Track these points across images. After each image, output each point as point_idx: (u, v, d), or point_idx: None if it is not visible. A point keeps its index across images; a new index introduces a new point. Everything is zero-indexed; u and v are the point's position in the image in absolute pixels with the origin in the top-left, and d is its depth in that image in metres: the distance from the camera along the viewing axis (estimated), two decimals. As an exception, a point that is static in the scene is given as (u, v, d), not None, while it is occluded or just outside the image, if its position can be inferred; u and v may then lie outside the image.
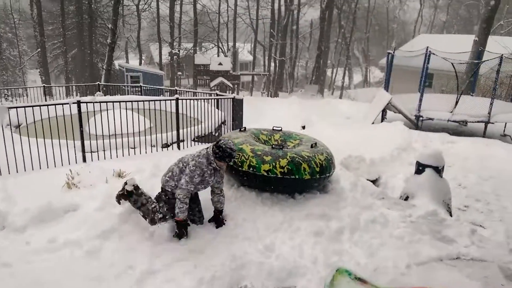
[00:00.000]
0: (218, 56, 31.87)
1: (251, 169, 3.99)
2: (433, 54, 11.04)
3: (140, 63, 32.91)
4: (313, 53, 34.01)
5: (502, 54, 10.84)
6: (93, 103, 7.11)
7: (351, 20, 33.60)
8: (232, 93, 28.52)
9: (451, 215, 4.32)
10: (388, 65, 13.44)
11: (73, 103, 6.50)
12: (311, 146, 4.49)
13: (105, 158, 6.75)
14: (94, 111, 7.91)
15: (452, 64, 11.55)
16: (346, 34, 33.92)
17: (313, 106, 18.27)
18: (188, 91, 13.84)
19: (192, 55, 29.68)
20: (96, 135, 7.59)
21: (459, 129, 11.96)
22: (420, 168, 4.45)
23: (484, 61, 11.76)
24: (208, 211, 3.69)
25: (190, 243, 3.33)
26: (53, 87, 17.75)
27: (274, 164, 4.00)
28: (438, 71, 19.16)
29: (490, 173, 7.06)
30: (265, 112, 16.26)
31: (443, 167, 4.42)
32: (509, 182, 6.70)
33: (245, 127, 4.96)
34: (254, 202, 3.81)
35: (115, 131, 7.94)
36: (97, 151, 7.14)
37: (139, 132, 8.33)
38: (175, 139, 8.24)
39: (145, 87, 15.50)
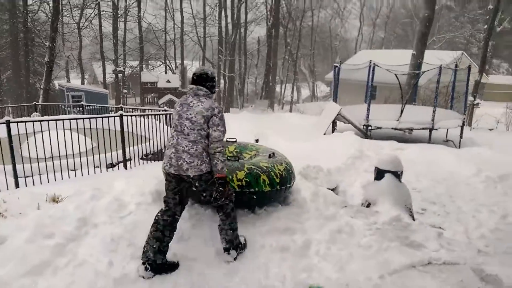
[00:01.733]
0: (166, 73, 31.23)
1: None
2: (377, 66, 11.39)
3: (83, 83, 31.38)
4: (262, 69, 34.39)
5: (441, 65, 11.43)
6: (26, 122, 6.41)
7: (297, 37, 34.50)
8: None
9: (413, 219, 4.22)
10: (335, 78, 13.72)
11: (1, 123, 5.80)
12: (269, 157, 4.24)
13: (41, 183, 6.07)
14: (26, 133, 7.14)
15: (395, 75, 11.99)
16: (293, 51, 34.74)
17: (265, 121, 18.21)
18: (136, 109, 13.20)
19: (138, 73, 28.78)
20: (30, 158, 6.84)
21: (405, 137, 12.38)
22: (379, 174, 4.34)
23: (427, 70, 12.36)
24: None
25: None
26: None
27: (230, 177, 3.69)
28: (381, 83, 19.98)
29: (441, 176, 7.22)
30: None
31: (402, 171, 4.34)
32: (460, 183, 6.88)
33: None
34: (211, 220, 3.44)
35: (51, 153, 7.25)
36: (32, 176, 6.41)
37: (80, 153, 7.64)
38: (121, 159, 7.66)
39: (88, 105, 14.60)
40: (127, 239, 3.07)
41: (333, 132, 12.86)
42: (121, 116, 7.26)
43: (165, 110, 11.09)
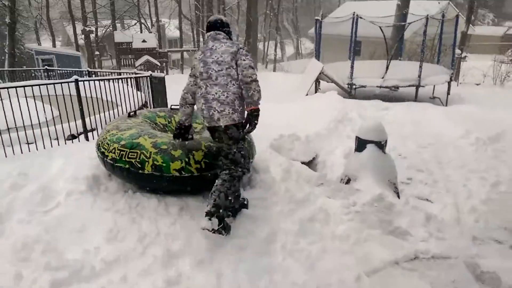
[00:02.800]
0: (141, 32, 29.56)
1: (156, 170, 3.01)
2: (361, 18, 10.56)
3: (54, 45, 29.60)
4: (243, 26, 32.82)
5: (428, 15, 10.66)
6: None
7: (278, -10, 32.77)
8: (161, 72, 26.64)
9: (398, 197, 3.71)
10: (317, 34, 12.84)
11: None
12: None
13: None
14: None
15: (380, 28, 11.21)
16: (274, 5, 33.09)
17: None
18: (106, 72, 12.21)
19: (111, 32, 27.13)
20: None
21: (390, 95, 11.80)
22: (360, 144, 3.77)
23: (411, 22, 11.57)
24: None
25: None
26: None
27: (187, 159, 3.07)
28: (366, 38, 19.07)
29: (429, 139, 6.73)
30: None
31: (386, 141, 3.78)
32: (448, 147, 6.40)
33: (135, 111, 3.84)
34: (156, 212, 2.83)
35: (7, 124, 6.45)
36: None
37: (40, 123, 6.83)
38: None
39: (53, 70, 13.50)
40: (45, 242, 2.47)
41: (316, 92, 12.22)
42: (76, 81, 6.45)
43: (135, 73, 10.21)
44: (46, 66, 13.28)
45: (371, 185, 3.52)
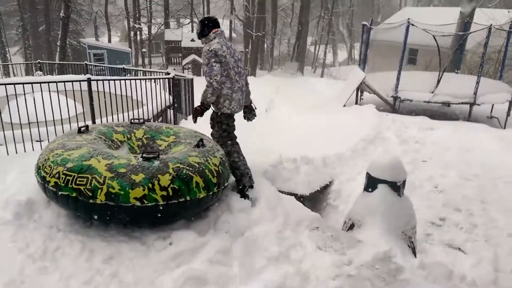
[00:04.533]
0: (192, 31, 29.84)
1: (111, 199, 2.49)
2: (412, 25, 9.52)
3: (109, 40, 30.73)
4: (295, 29, 32.09)
5: (491, 24, 9.39)
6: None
7: (334, -8, 31.63)
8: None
9: (414, 255, 2.93)
10: (363, 39, 11.90)
11: None
12: (197, 146, 3.05)
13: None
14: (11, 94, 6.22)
15: (433, 37, 10.08)
16: (329, 7, 32.01)
17: (287, 86, 16.70)
18: (139, 70, 12.15)
19: (163, 31, 27.61)
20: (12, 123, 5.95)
21: (441, 111, 10.59)
22: (371, 183, 3.03)
23: (470, 32, 10.29)
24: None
25: None
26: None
27: (150, 185, 2.54)
28: (423, 46, 17.70)
29: (475, 170, 5.73)
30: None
31: (404, 182, 3.00)
32: (497, 181, 5.39)
33: (87, 126, 3.34)
34: (74, 263, 2.16)
35: (28, 119, 6.34)
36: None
37: (62, 119, 6.66)
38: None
39: (91, 65, 13.68)
40: None
41: (356, 103, 11.30)
42: (88, 80, 6.22)
43: (167, 73, 9.93)
44: (85, 62, 13.46)
45: (377, 238, 2.78)
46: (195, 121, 3.51)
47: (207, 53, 3.46)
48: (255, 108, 4.11)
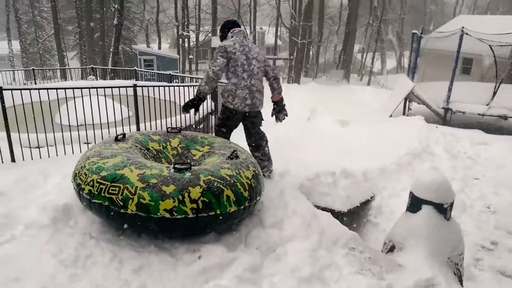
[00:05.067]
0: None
1: (141, 210, 2.47)
2: (466, 34, 9.01)
3: (159, 47, 31.86)
4: (342, 36, 31.61)
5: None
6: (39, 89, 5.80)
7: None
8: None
9: (461, 283, 2.69)
10: (413, 48, 11.43)
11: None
12: (230, 157, 2.98)
13: (49, 157, 5.44)
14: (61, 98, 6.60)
15: (490, 46, 9.47)
16: (378, 15, 31.24)
17: (331, 94, 16.43)
18: (185, 76, 12.47)
19: (210, 38, 28.20)
20: (62, 125, 6.29)
21: (497, 124, 9.89)
22: (415, 203, 2.83)
23: (532, 41, 9.57)
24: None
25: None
26: (44, 70, 16.76)
27: (180, 197, 2.51)
28: (479, 56, 16.72)
29: (533, 191, 5.26)
30: (273, 101, 14.55)
31: (452, 204, 2.77)
32: (558, 205, 4.91)
33: (124, 134, 3.31)
34: (104, 272, 2.13)
35: (77, 121, 6.66)
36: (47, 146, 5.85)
37: (108, 123, 6.94)
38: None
39: (140, 71, 14.20)
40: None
41: (404, 114, 10.86)
42: (134, 86, 6.42)
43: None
44: (135, 68, 13.98)
45: (420, 263, 2.59)
46: (183, 111, 3.58)
47: (218, 49, 3.58)
48: (283, 105, 3.91)
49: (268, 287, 2.19)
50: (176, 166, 2.68)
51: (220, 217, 2.64)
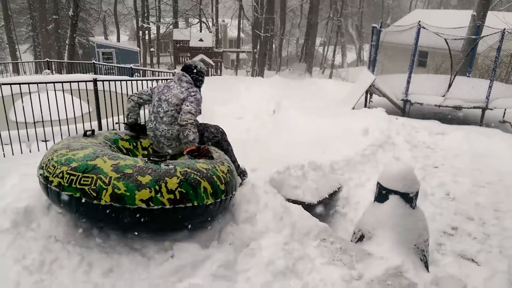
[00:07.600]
0: (201, 31, 29.82)
1: (116, 200, 2.37)
2: (423, 28, 9.36)
3: (118, 39, 30.84)
4: (304, 29, 31.92)
5: (504, 29, 9.18)
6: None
7: (343, -7, 31.42)
8: (215, 71, 26.58)
9: (427, 269, 2.80)
10: (373, 41, 11.73)
11: None
12: (204, 156, 2.97)
13: (5, 156, 5.15)
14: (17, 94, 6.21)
15: (445, 40, 9.89)
16: (338, 9, 31.80)
17: (294, 87, 16.56)
18: (149, 70, 12.11)
19: (171, 30, 27.60)
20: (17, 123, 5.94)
21: (452, 114, 10.38)
22: (381, 193, 2.91)
23: (483, 36, 10.09)
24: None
25: None
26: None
27: (157, 188, 2.44)
28: (433, 49, 17.45)
29: (488, 178, 5.57)
30: (238, 94, 14.50)
31: (417, 193, 2.87)
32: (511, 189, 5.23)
33: (93, 130, 3.19)
34: (72, 277, 2.09)
35: (33, 118, 6.31)
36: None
37: (68, 119, 6.61)
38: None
39: (100, 64, 13.68)
40: None
41: (365, 106, 11.14)
42: (94, 80, 6.18)
43: (174, 73, 9.87)
44: (93, 61, 13.47)
45: (388, 251, 2.67)
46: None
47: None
48: (194, 156, 2.98)
49: (243, 282, 2.18)
50: (151, 158, 2.61)
51: (198, 209, 2.59)
